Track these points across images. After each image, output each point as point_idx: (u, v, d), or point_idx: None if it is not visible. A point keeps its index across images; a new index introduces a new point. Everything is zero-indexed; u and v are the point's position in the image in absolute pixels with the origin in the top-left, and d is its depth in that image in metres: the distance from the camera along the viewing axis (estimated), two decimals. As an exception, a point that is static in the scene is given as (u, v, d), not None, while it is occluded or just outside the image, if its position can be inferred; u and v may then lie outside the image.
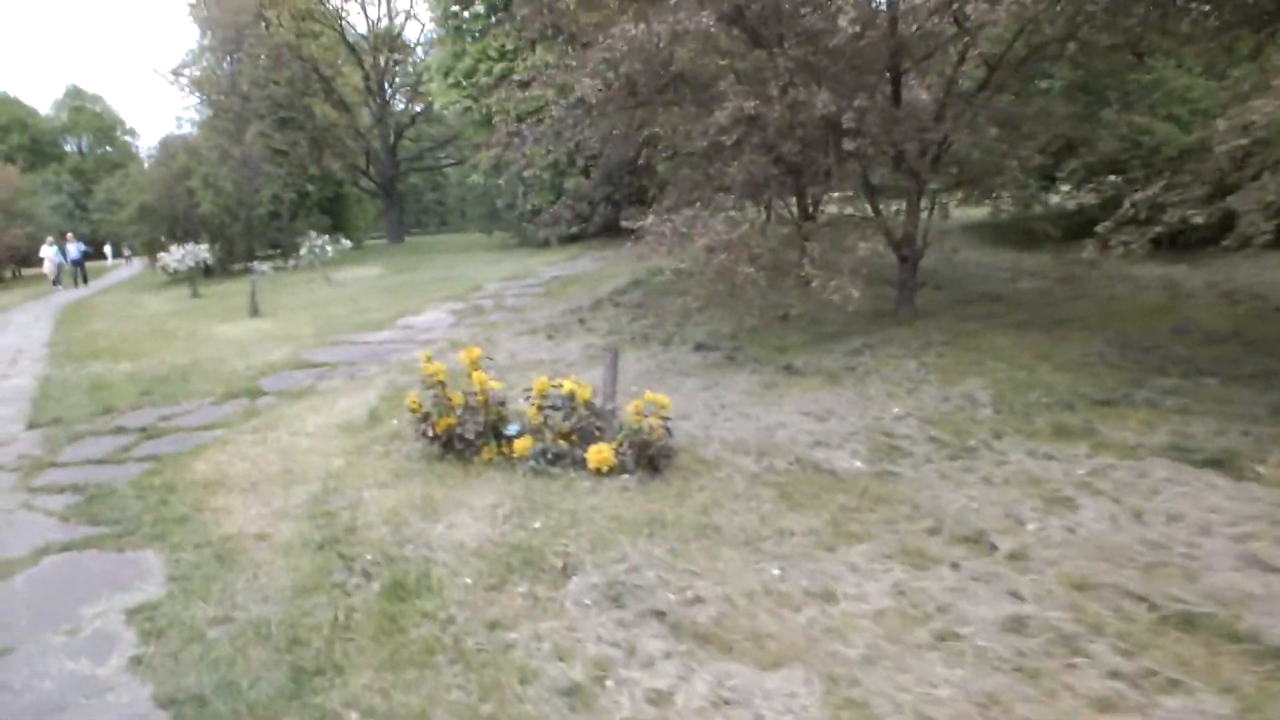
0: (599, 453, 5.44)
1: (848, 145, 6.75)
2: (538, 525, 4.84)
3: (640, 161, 12.31)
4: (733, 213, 8.34)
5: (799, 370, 7.79)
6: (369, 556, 4.52)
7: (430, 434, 5.80)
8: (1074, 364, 7.39)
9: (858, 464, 5.54)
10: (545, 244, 23.04)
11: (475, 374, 5.80)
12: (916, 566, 4.19)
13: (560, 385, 5.84)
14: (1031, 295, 10.16)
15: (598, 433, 5.70)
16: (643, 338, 9.77)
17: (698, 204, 8.10)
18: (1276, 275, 10.07)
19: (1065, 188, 12.49)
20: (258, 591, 4.25)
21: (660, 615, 3.81)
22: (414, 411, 5.90)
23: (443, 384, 5.88)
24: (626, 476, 5.42)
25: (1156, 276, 10.51)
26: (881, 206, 9.54)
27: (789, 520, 4.79)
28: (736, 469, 5.56)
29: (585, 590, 4.05)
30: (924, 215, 9.36)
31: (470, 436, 5.78)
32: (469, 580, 4.22)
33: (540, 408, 5.79)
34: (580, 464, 5.58)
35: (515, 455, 5.67)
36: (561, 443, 5.67)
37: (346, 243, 17.51)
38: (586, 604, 3.95)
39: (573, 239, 22.12)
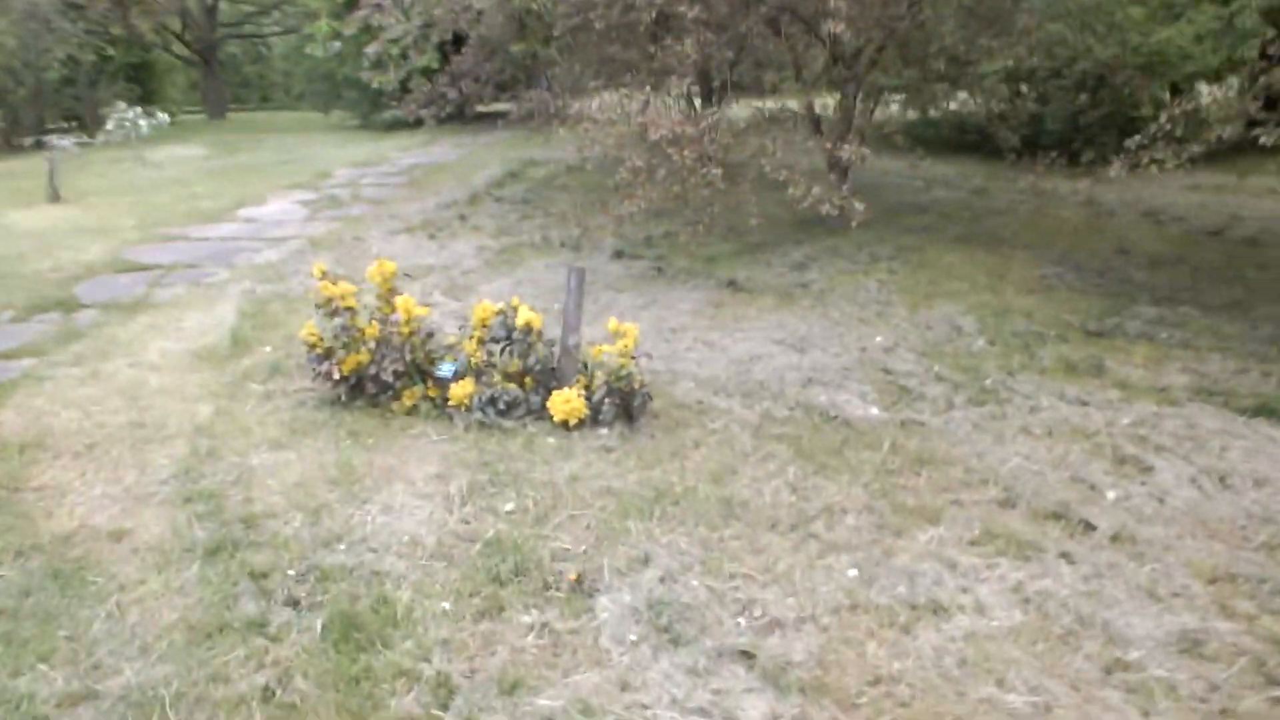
0: (566, 401, 4.17)
1: (829, 28, 5.53)
2: (510, 508, 3.57)
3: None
4: (668, 98, 7.02)
5: (744, 286, 6.70)
6: (290, 569, 3.12)
7: (335, 375, 4.31)
8: (1036, 286, 6.69)
9: (873, 410, 4.55)
10: (391, 127, 20.61)
11: (399, 299, 4.32)
12: (1019, 557, 3.27)
13: (506, 311, 4.46)
14: (952, 207, 9.45)
15: (555, 375, 4.40)
16: (545, 242, 8.36)
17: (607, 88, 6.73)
18: (1183, 197, 9.81)
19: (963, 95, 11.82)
20: (127, 639, 2.79)
21: (743, 657, 2.70)
22: (313, 347, 4.37)
23: (352, 310, 4.37)
24: (604, 432, 4.20)
25: (1067, 191, 10.04)
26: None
27: (826, 491, 3.75)
28: (729, 417, 4.45)
29: (619, 617, 2.87)
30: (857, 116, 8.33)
31: (389, 379, 4.35)
32: (447, 605, 2.94)
33: (481, 341, 4.41)
34: (538, 414, 4.30)
35: (452, 403, 4.30)
36: (511, 387, 4.34)
37: (164, 116, 14.63)
38: (630, 640, 2.77)
39: (420, 123, 19.83)
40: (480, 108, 13.99)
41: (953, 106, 11.98)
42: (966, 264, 7.22)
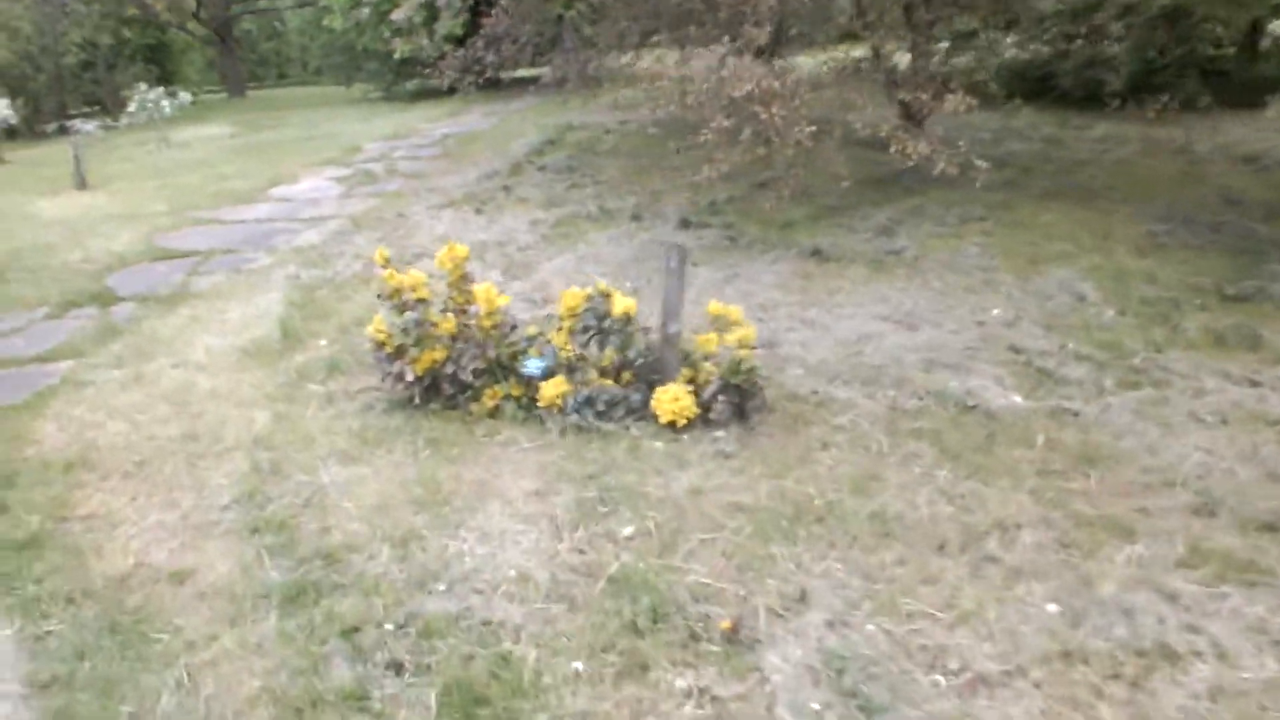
0: (674, 399, 3.63)
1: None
2: (629, 532, 3.05)
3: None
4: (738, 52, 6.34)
5: (830, 255, 6.09)
6: (386, 621, 2.62)
7: (408, 377, 3.79)
8: (1147, 246, 6.03)
9: (1015, 398, 3.97)
10: (416, 97, 19.97)
11: (478, 288, 3.78)
12: (1244, 583, 2.71)
13: (600, 297, 3.91)
14: (1030, 159, 8.73)
15: (654, 368, 3.86)
16: (602, 212, 7.76)
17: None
18: (1270, 136, 9.04)
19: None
20: (203, 717, 2.30)
21: (961, 738, 2.17)
22: (381, 344, 3.85)
23: (424, 302, 3.83)
24: (719, 434, 3.65)
25: (1147, 137, 9.30)
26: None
27: (988, 500, 3.20)
28: (853, 411, 3.89)
29: (793, 678, 2.35)
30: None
31: (468, 378, 3.82)
32: (579, 665, 2.43)
33: (571, 331, 3.87)
34: (639, 414, 3.77)
35: (542, 404, 3.77)
36: (608, 384, 3.80)
37: (186, 96, 14.09)
38: (813, 710, 2.25)
39: (450, 91, 19.17)
40: (508, 74, 13.37)
41: (1009, 53, 11.22)
42: (1065, 222, 6.56)
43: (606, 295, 3.95)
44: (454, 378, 3.83)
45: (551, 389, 3.71)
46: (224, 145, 14.41)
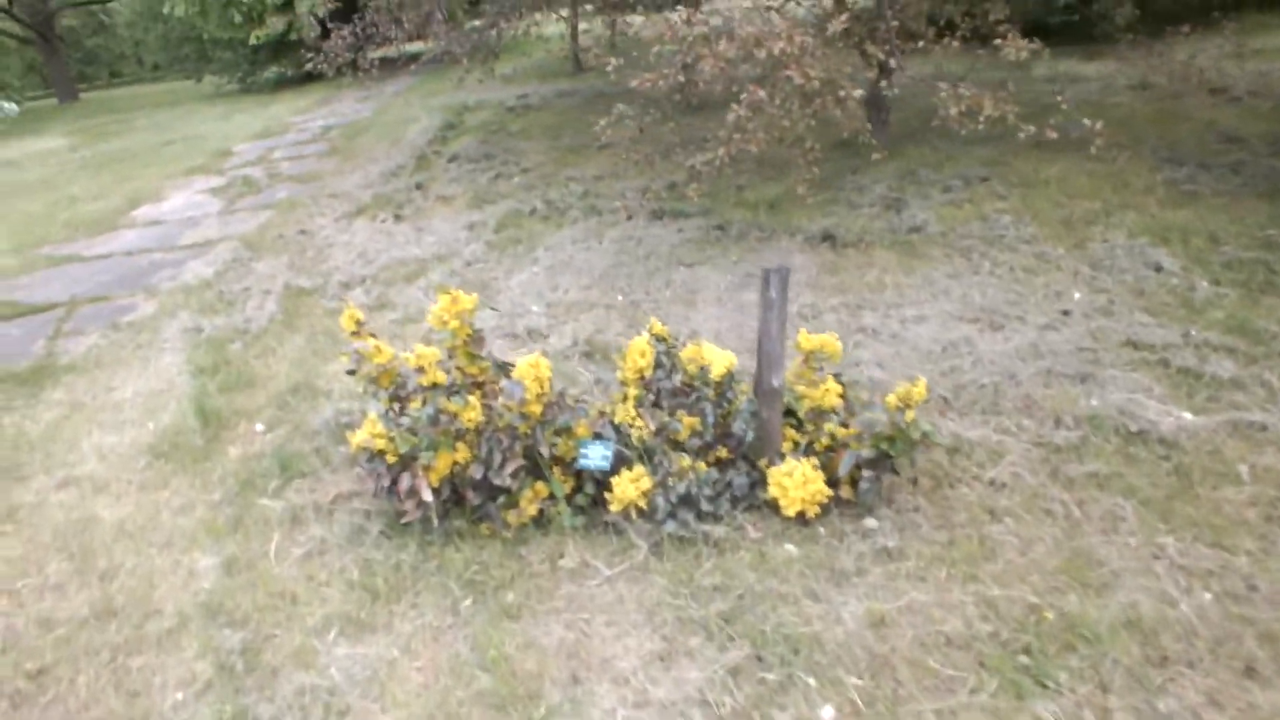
0: (803, 483, 2.61)
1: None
2: (830, 717, 2.03)
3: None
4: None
5: (843, 239, 5.16)
6: None
7: (424, 495, 2.63)
8: (1179, 196, 5.36)
9: (1182, 414, 3.14)
10: (278, 86, 17.98)
11: (525, 365, 2.64)
12: None
13: (661, 344, 2.84)
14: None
15: (753, 436, 2.82)
16: (549, 207, 6.59)
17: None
18: (1233, 66, 8.60)
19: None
20: None
21: None
22: (380, 454, 2.66)
23: (439, 388, 2.66)
24: (872, 523, 2.66)
25: (1099, 75, 8.75)
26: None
27: (1248, 574, 2.35)
28: (1001, 456, 2.98)
29: None
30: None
31: (505, 482, 2.68)
32: None
33: (639, 401, 2.78)
34: (746, 501, 2.74)
35: (615, 508, 2.69)
36: (700, 467, 2.74)
37: (11, 105, 11.84)
38: None
39: (306, 78, 17.23)
40: (378, 53, 11.90)
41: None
42: (1075, 175, 5.83)
43: (669, 346, 2.89)
44: (485, 483, 2.69)
45: (629, 487, 2.63)
46: (65, 160, 12.29)
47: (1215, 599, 2.33)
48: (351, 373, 2.84)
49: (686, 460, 2.67)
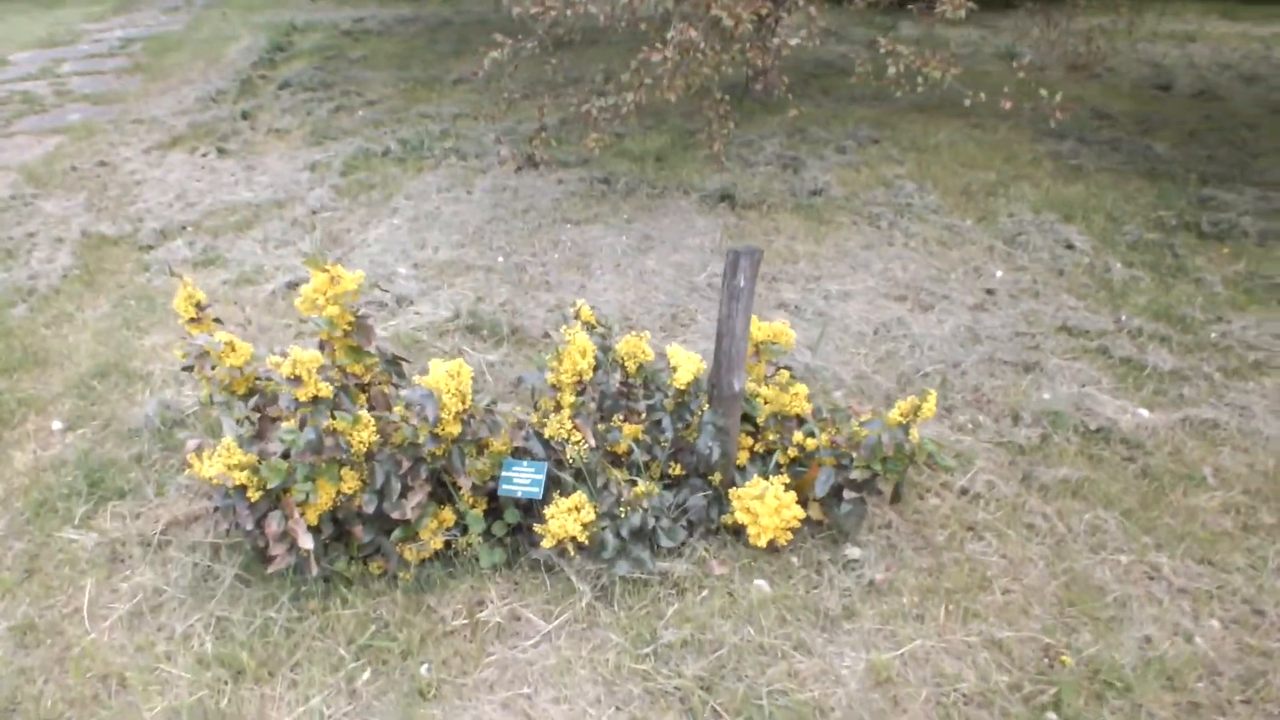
0: (776, 509, 2.16)
1: None
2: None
3: None
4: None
5: (744, 200, 4.74)
6: None
7: (302, 541, 1.97)
8: (1067, 172, 5.31)
9: (1140, 411, 2.95)
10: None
11: (445, 379, 1.98)
12: None
13: (611, 338, 2.30)
14: (847, 63, 7.79)
15: (719, 454, 2.32)
16: (404, 147, 5.75)
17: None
18: (1100, 41, 8.78)
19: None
20: None
21: None
22: (241, 489, 1.96)
23: (322, 403, 1.98)
24: (853, 551, 2.26)
25: (953, 39, 8.73)
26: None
27: (1250, 598, 2.15)
28: (971, 462, 2.66)
29: None
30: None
31: (406, 515, 2.06)
32: None
33: (575, 410, 2.21)
34: (701, 525, 2.27)
35: (549, 545, 2.13)
36: (652, 490, 2.22)
37: None
38: None
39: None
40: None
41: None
42: (963, 142, 5.69)
43: (604, 335, 2.35)
44: (378, 516, 2.07)
45: (567, 520, 2.07)
46: None
47: (1224, 628, 2.10)
48: (189, 369, 2.11)
49: (641, 486, 2.15)
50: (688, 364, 2.12)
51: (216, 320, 2.20)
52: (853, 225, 4.44)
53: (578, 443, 2.14)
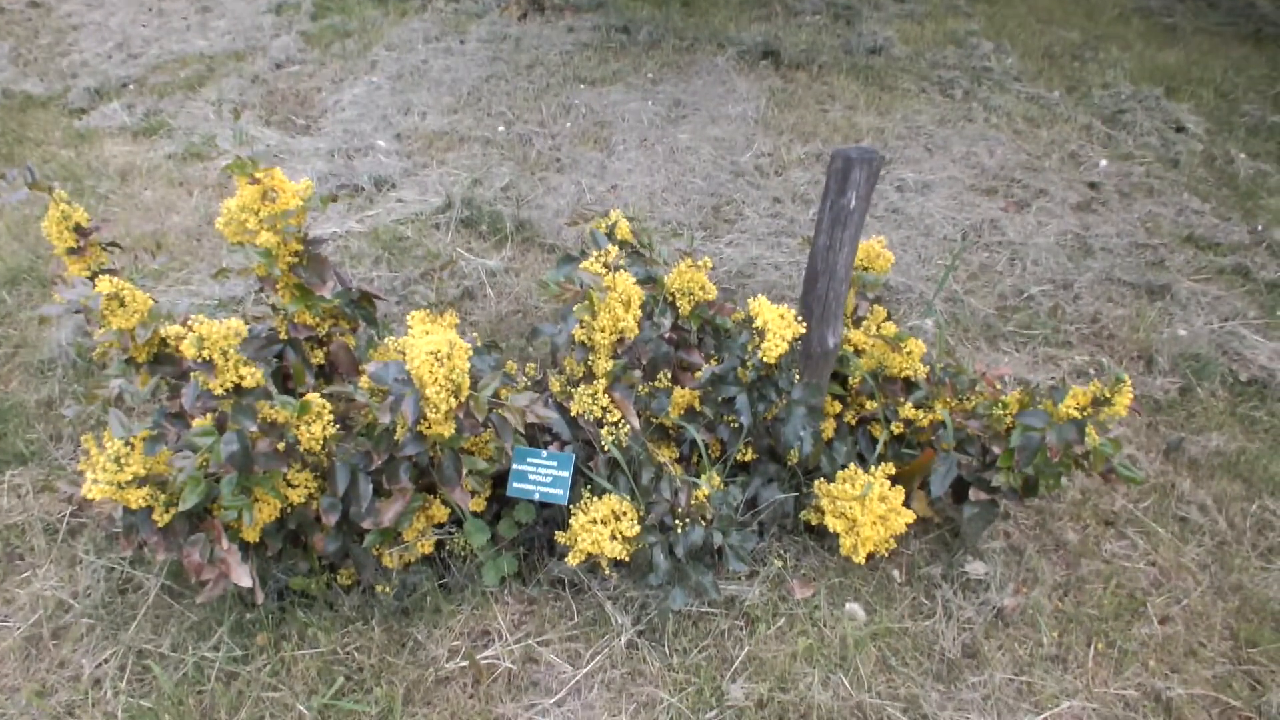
0: (881, 514, 1.58)
1: None
2: None
3: None
4: None
5: (791, 59, 3.94)
6: None
7: (240, 578, 1.39)
8: (1160, 31, 4.46)
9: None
10: None
11: (428, 364, 1.33)
12: None
13: (658, 266, 1.66)
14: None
15: (810, 446, 1.70)
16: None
17: None
18: None
19: None
20: None
21: None
22: (148, 508, 1.36)
23: (256, 394, 1.34)
24: (977, 568, 1.70)
25: None
26: None
27: None
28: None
29: None
30: None
31: (383, 524, 1.48)
32: None
33: (611, 380, 1.59)
34: (775, 524, 1.70)
35: (574, 560, 1.56)
36: (716, 485, 1.64)
37: None
38: None
39: None
40: None
41: None
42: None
43: (648, 262, 1.70)
44: (343, 524, 1.49)
45: (602, 534, 1.50)
46: None
47: None
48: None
49: (704, 488, 1.56)
50: (779, 325, 1.48)
51: (111, 246, 1.54)
52: (922, 94, 3.67)
53: (616, 421, 1.54)
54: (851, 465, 1.66)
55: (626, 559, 1.53)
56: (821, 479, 1.68)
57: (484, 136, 3.38)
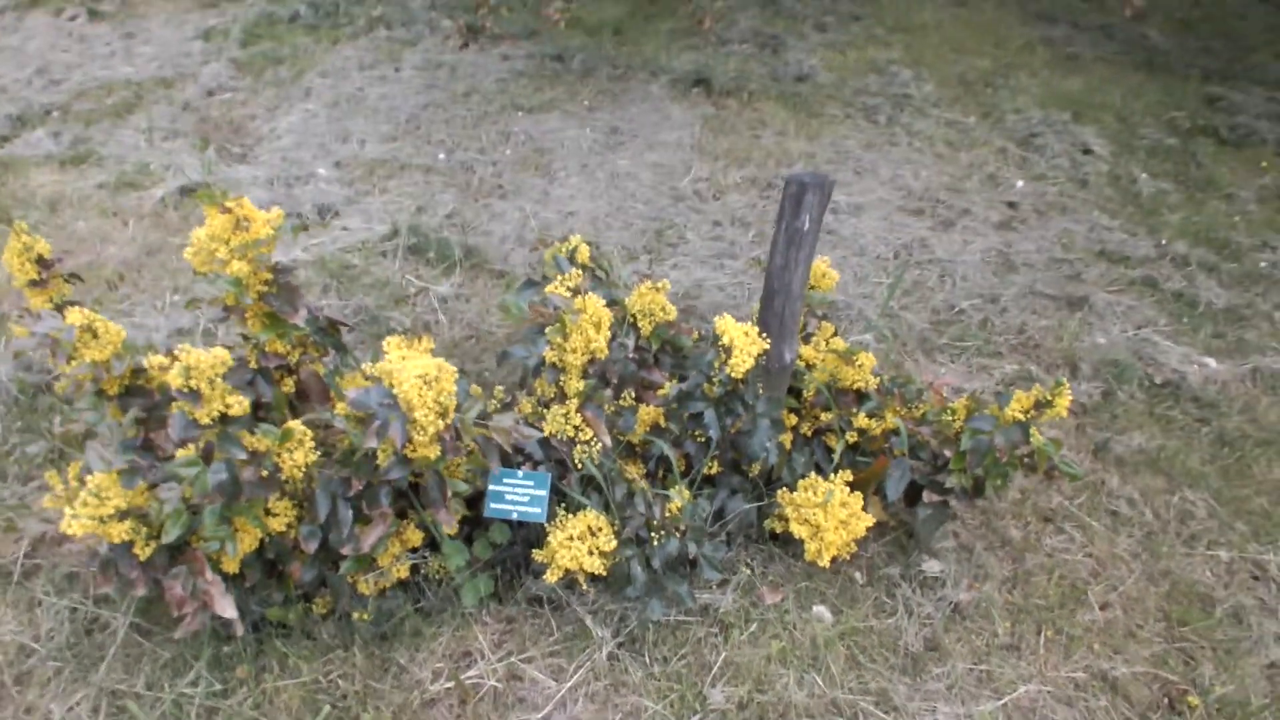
0: (841, 520, 1.66)
1: None
2: None
3: None
4: None
5: (722, 86, 4.07)
6: None
7: (210, 606, 1.38)
8: (1064, 60, 4.77)
9: (1206, 360, 2.54)
10: None
11: (417, 388, 1.36)
12: None
13: (619, 286, 1.72)
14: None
15: (775, 458, 1.77)
16: (315, 11, 4.78)
17: None
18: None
19: None
20: None
21: None
22: (129, 542, 1.34)
23: (242, 423, 1.34)
24: (932, 566, 1.80)
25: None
26: None
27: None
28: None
29: None
30: None
31: (364, 551, 1.49)
32: None
33: (583, 399, 1.64)
34: (741, 534, 1.77)
35: (552, 578, 1.59)
36: (685, 496, 1.69)
37: None
38: None
39: None
40: None
41: None
42: (950, 21, 5.08)
43: (608, 283, 1.76)
44: (321, 552, 1.49)
45: (579, 550, 1.54)
46: None
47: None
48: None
49: (677, 501, 1.62)
50: (744, 342, 1.55)
51: (71, 278, 1.52)
52: (848, 119, 3.84)
53: (589, 440, 1.59)
54: (812, 474, 1.74)
55: (604, 573, 1.57)
56: (784, 489, 1.75)
57: (424, 164, 3.39)
